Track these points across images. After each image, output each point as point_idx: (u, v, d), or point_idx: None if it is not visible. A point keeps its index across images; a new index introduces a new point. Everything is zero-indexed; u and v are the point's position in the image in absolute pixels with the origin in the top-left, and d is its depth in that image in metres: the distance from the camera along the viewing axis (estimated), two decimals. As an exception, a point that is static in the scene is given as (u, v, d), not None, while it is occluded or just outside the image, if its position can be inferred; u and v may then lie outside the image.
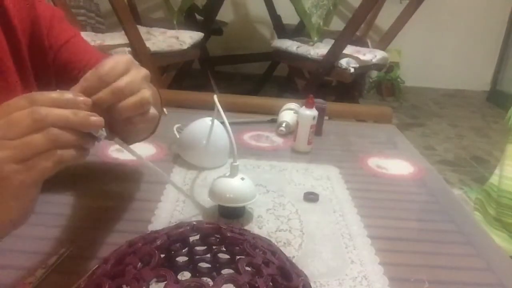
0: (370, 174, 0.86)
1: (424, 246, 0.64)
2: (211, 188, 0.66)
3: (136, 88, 0.44)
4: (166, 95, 1.18)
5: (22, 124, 0.37)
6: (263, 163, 0.86)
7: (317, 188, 0.78)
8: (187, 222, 0.42)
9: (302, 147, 0.92)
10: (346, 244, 0.62)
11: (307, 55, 2.34)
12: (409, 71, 3.78)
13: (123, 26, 1.89)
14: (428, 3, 2.56)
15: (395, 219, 0.71)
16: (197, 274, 0.44)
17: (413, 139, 2.50)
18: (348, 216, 0.69)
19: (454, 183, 2.28)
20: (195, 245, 0.42)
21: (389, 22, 2.62)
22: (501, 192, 1.20)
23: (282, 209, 0.70)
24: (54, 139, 0.38)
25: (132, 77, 0.44)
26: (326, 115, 1.05)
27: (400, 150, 1.01)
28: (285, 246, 0.61)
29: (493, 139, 2.99)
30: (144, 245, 0.37)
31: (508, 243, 1.19)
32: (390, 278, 0.55)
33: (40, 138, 0.38)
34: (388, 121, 1.21)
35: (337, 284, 0.54)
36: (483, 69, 3.97)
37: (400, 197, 0.79)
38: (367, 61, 2.27)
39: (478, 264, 0.61)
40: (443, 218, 0.73)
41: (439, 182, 0.88)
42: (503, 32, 3.86)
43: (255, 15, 3.63)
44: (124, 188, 0.74)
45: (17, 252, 0.55)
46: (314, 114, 0.91)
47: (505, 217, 1.20)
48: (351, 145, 1.01)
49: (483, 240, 0.68)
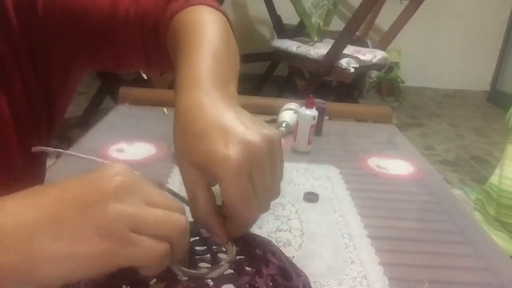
0: (370, 174, 0.86)
1: (424, 246, 0.64)
2: (211, 188, 0.66)
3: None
4: (166, 95, 1.18)
5: (165, 205, 0.34)
6: (263, 163, 0.86)
7: (317, 188, 0.78)
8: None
9: (302, 147, 0.92)
10: (346, 244, 0.62)
11: (307, 55, 2.34)
12: (409, 71, 3.78)
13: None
14: (428, 3, 2.56)
15: (395, 219, 0.71)
16: (197, 274, 0.43)
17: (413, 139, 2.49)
18: (348, 216, 0.69)
19: (454, 183, 2.28)
20: (195, 245, 0.42)
21: (389, 22, 2.62)
22: (501, 192, 1.20)
23: (282, 209, 0.70)
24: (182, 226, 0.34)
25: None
26: (326, 115, 1.05)
27: (400, 150, 1.01)
28: (285, 246, 0.61)
29: (493, 139, 2.99)
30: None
31: (508, 243, 1.19)
32: (390, 278, 0.55)
33: (179, 218, 0.34)
34: (388, 121, 1.21)
35: (337, 284, 0.54)
36: (483, 69, 3.97)
37: (400, 197, 0.79)
38: (367, 61, 2.28)
39: (478, 264, 0.61)
40: (443, 218, 0.73)
41: (439, 182, 0.88)
42: (503, 32, 3.86)
43: (255, 15, 3.63)
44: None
45: (17, 252, 0.55)
46: (314, 114, 0.91)
47: (505, 217, 1.20)
48: (351, 145, 1.01)
49: (483, 240, 0.68)
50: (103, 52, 0.58)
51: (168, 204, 0.34)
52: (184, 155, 0.39)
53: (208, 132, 0.37)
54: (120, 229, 0.31)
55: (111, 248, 0.31)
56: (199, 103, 0.40)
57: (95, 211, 0.31)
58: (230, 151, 0.35)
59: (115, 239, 0.31)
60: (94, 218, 0.31)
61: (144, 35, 0.56)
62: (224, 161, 0.35)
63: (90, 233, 0.31)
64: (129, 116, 1.09)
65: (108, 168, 0.34)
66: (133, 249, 0.31)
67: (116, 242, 0.31)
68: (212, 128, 0.37)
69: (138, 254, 0.32)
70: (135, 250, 0.31)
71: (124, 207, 0.32)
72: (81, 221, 0.31)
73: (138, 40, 0.57)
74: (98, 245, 0.31)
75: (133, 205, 0.32)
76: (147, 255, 0.32)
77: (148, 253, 0.32)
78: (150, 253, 0.32)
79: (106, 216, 0.31)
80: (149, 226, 0.32)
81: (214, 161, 0.36)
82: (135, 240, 0.31)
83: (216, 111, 0.39)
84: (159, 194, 0.35)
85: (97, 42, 0.57)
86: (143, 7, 0.56)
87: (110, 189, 0.32)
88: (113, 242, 0.31)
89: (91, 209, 0.32)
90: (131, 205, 0.32)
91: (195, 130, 0.38)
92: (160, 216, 0.33)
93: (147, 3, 0.56)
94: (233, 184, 0.35)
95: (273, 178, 0.38)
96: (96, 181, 0.33)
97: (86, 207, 0.32)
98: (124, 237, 0.31)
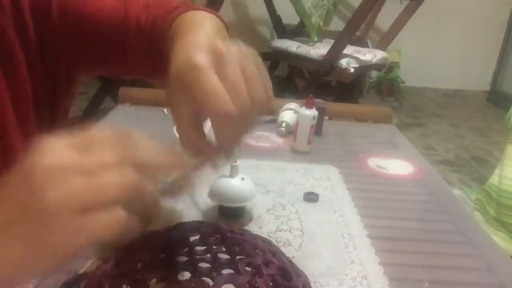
0: (370, 174, 0.86)
1: (424, 246, 0.64)
2: (211, 188, 0.66)
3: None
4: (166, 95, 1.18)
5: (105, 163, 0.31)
6: (263, 163, 0.86)
7: (317, 188, 0.78)
8: (187, 222, 0.42)
9: (302, 147, 0.92)
10: (346, 244, 0.62)
11: (307, 55, 2.34)
12: (409, 71, 3.78)
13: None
14: (428, 3, 2.56)
15: (395, 219, 0.71)
16: (197, 274, 0.43)
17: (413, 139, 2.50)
18: (348, 216, 0.69)
19: (454, 183, 2.28)
20: (195, 245, 0.42)
21: (389, 22, 2.62)
22: (501, 192, 1.20)
23: (282, 209, 0.70)
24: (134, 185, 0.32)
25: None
26: (326, 115, 1.05)
27: (400, 150, 1.01)
28: (285, 246, 0.61)
29: (493, 139, 2.99)
30: (144, 245, 0.37)
31: (508, 243, 1.19)
32: (390, 278, 0.55)
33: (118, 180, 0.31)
34: (388, 121, 1.21)
35: (337, 284, 0.54)
36: (483, 69, 3.97)
37: (400, 197, 0.79)
38: (367, 61, 2.28)
39: (478, 264, 0.61)
40: (443, 218, 0.73)
41: (439, 182, 0.88)
42: (503, 32, 3.86)
43: (255, 15, 3.63)
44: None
45: (17, 252, 0.55)
46: (314, 114, 0.91)
47: (505, 217, 1.20)
48: (351, 145, 1.01)
49: (483, 240, 0.68)
50: (111, 57, 0.59)
51: (104, 165, 0.32)
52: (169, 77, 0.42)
53: (183, 48, 0.42)
54: (64, 217, 0.30)
55: (65, 237, 0.30)
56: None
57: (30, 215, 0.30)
58: (196, 54, 0.39)
59: (63, 229, 0.30)
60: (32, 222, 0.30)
61: (153, 41, 0.57)
62: (191, 61, 0.39)
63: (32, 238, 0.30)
64: (129, 116, 1.09)
65: (29, 158, 0.31)
66: (86, 230, 0.30)
67: (65, 230, 0.30)
68: (187, 45, 0.42)
69: (92, 232, 0.31)
70: (88, 230, 0.30)
71: (57, 194, 0.30)
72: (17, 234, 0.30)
73: (146, 46, 0.57)
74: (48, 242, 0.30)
75: (65, 186, 0.30)
76: (108, 229, 0.31)
77: (100, 227, 0.31)
78: (110, 225, 0.31)
79: (44, 212, 0.30)
80: (90, 199, 0.30)
81: (183, 65, 0.40)
82: (85, 220, 0.30)
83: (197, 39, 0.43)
84: (91, 158, 0.32)
85: (106, 47, 0.58)
86: (154, 14, 0.57)
87: (36, 183, 0.30)
88: (63, 232, 0.30)
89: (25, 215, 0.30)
90: (63, 188, 0.30)
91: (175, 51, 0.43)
92: (97, 184, 0.31)
93: (157, 9, 0.57)
94: (199, 79, 0.38)
95: (242, 74, 0.40)
96: (21, 180, 0.31)
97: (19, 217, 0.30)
98: (72, 222, 0.30)
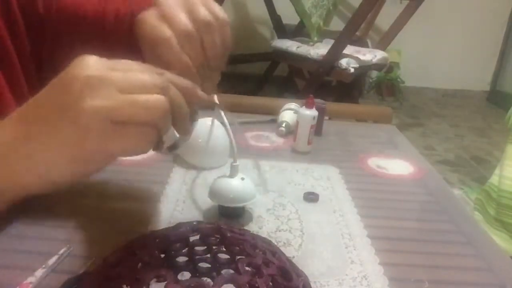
0: (370, 174, 0.86)
1: (424, 246, 0.64)
2: (211, 188, 0.66)
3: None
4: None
5: (143, 84, 0.33)
6: (263, 163, 0.86)
7: (317, 188, 0.78)
8: (187, 222, 0.42)
9: (302, 147, 0.92)
10: (346, 244, 0.62)
11: (307, 55, 2.34)
12: (409, 71, 3.79)
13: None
14: (428, 3, 2.56)
15: (395, 219, 0.71)
16: (197, 274, 0.44)
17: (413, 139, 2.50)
18: (348, 216, 0.69)
19: (454, 183, 2.29)
20: (195, 245, 0.42)
21: (389, 22, 2.62)
22: (501, 192, 1.20)
23: (282, 209, 0.70)
24: (174, 103, 0.34)
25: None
26: (326, 115, 1.05)
27: (400, 150, 1.01)
28: (285, 246, 0.61)
29: (493, 139, 2.99)
30: (144, 245, 0.37)
31: (508, 243, 1.19)
32: (390, 278, 0.55)
33: (151, 100, 0.32)
34: (388, 121, 1.21)
35: (337, 284, 0.54)
36: (483, 69, 3.97)
37: (400, 197, 0.79)
38: (367, 61, 2.28)
39: (478, 264, 0.61)
40: (443, 218, 0.73)
41: (439, 182, 0.88)
42: (503, 32, 3.86)
43: (255, 15, 3.63)
44: (124, 188, 0.74)
45: (17, 252, 0.55)
46: (314, 114, 0.91)
47: (505, 217, 1.20)
48: (351, 145, 1.01)
49: (483, 240, 0.68)
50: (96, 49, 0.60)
51: (144, 85, 0.33)
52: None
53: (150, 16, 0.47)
54: (100, 124, 0.31)
55: (98, 145, 0.31)
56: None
57: (69, 117, 0.31)
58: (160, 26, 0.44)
59: (97, 136, 0.31)
60: (70, 123, 0.31)
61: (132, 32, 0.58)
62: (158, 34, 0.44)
63: (68, 140, 0.31)
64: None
65: (72, 67, 0.33)
66: (119, 140, 0.32)
67: (99, 138, 0.31)
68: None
69: (126, 145, 0.32)
70: (121, 141, 0.32)
71: (97, 101, 0.31)
72: (55, 133, 0.32)
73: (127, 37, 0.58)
74: (83, 145, 0.31)
75: (106, 97, 0.31)
76: (135, 144, 0.32)
77: (135, 142, 0.32)
78: (137, 141, 0.32)
79: (82, 115, 0.31)
80: (128, 114, 0.32)
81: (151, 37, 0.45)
82: (119, 132, 0.31)
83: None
84: (132, 77, 0.33)
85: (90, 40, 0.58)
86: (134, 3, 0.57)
87: (78, 89, 0.31)
88: (97, 139, 0.31)
89: (65, 116, 0.31)
90: (105, 98, 0.31)
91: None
92: (137, 102, 0.32)
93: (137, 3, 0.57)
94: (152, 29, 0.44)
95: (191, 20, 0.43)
96: (64, 84, 0.32)
97: (58, 117, 0.32)
98: (107, 131, 0.31)
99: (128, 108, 0.32)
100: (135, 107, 0.32)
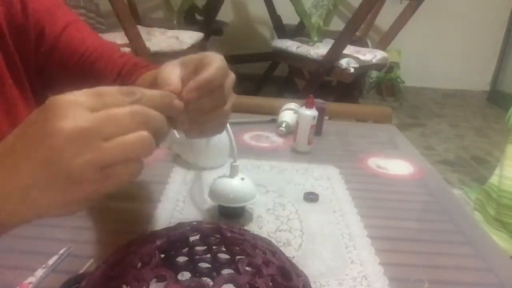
0: (370, 174, 0.86)
1: (424, 246, 0.64)
2: (211, 188, 0.66)
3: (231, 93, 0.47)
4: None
5: (121, 123, 0.32)
6: (263, 163, 0.86)
7: (317, 188, 0.78)
8: (187, 222, 0.42)
9: (302, 147, 0.92)
10: (346, 244, 0.62)
11: (307, 55, 2.34)
12: (409, 71, 3.78)
13: (123, 26, 1.89)
14: (428, 3, 2.56)
15: (395, 219, 0.71)
16: (197, 274, 0.44)
17: (413, 139, 2.50)
18: (348, 216, 0.69)
19: (454, 183, 2.28)
20: (195, 245, 0.42)
21: (389, 22, 2.61)
22: (501, 192, 1.20)
23: (282, 209, 0.70)
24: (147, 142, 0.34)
25: (231, 82, 0.47)
26: (326, 115, 1.05)
27: (400, 150, 1.01)
28: (285, 246, 0.61)
29: (493, 139, 2.99)
30: (144, 246, 0.37)
31: (508, 243, 1.18)
32: (390, 278, 0.55)
33: (134, 139, 0.33)
34: (388, 121, 1.21)
35: (337, 284, 0.54)
36: (483, 69, 3.97)
37: (400, 197, 0.79)
38: (367, 61, 2.27)
39: (478, 264, 0.61)
40: (443, 218, 0.73)
41: (439, 182, 0.88)
42: (503, 32, 3.86)
43: (255, 15, 3.63)
44: (124, 188, 0.74)
45: (17, 252, 0.55)
46: (314, 114, 0.91)
47: (505, 217, 1.20)
48: (351, 145, 1.01)
49: (483, 240, 0.68)
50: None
51: (126, 124, 0.33)
52: None
53: None
54: (92, 175, 0.32)
55: (91, 191, 0.33)
56: None
57: (56, 174, 0.31)
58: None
59: (90, 184, 0.32)
60: (60, 180, 0.32)
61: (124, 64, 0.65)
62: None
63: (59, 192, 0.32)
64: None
65: (46, 117, 0.32)
66: (111, 181, 0.33)
67: (92, 185, 0.32)
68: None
69: (117, 182, 0.34)
70: (113, 181, 0.34)
71: (85, 157, 0.31)
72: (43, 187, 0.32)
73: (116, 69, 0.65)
74: (75, 195, 0.33)
75: (91, 150, 0.31)
76: (126, 178, 0.34)
77: (125, 177, 0.34)
78: (127, 175, 0.34)
79: (73, 173, 0.31)
80: (117, 158, 0.33)
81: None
82: (110, 174, 0.33)
83: None
84: (112, 119, 0.33)
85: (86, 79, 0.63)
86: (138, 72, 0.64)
87: (60, 146, 0.31)
88: (90, 186, 0.32)
89: (51, 173, 0.32)
90: (90, 151, 0.31)
91: None
92: (124, 144, 0.33)
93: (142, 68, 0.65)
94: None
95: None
96: (41, 138, 0.31)
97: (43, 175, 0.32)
98: (99, 178, 0.32)
99: (116, 153, 0.32)
100: (122, 150, 0.33)
